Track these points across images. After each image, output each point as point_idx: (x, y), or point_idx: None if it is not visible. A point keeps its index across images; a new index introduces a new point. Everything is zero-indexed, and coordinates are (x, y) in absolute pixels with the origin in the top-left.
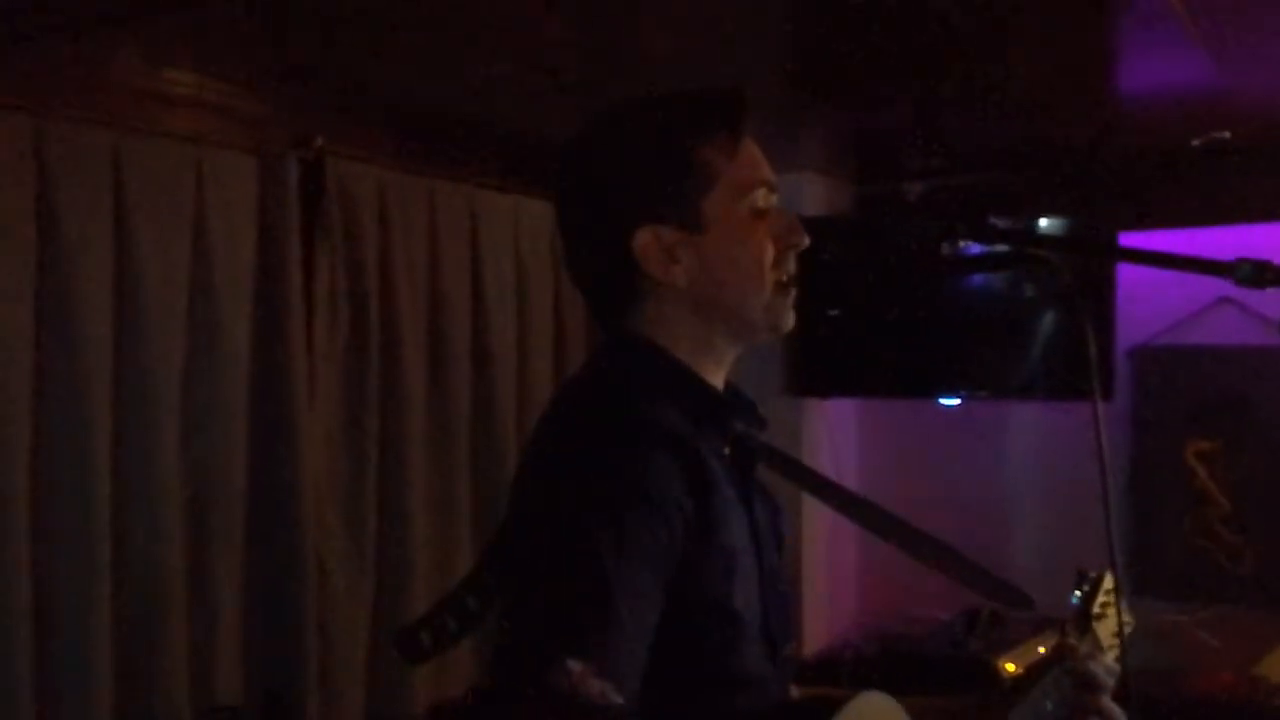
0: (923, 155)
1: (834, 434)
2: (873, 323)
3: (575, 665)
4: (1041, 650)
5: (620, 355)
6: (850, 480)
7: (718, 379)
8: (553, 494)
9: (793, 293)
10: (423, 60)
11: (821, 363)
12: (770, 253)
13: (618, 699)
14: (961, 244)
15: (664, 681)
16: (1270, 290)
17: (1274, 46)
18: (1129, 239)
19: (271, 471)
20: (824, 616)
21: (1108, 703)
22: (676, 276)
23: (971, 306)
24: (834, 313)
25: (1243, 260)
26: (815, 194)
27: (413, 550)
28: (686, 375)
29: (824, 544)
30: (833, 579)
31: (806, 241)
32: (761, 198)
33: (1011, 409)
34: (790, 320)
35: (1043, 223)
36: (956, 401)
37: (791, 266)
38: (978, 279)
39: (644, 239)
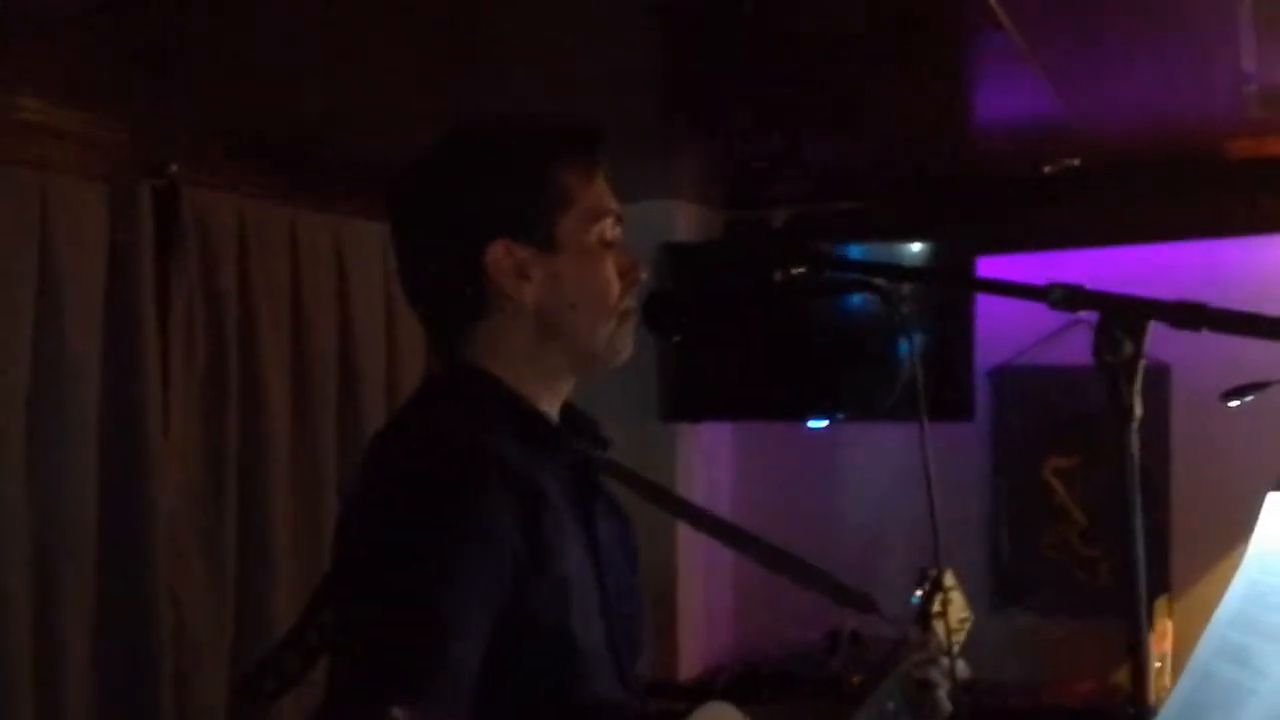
0: (788, 183)
1: (708, 457)
2: (743, 347)
3: (399, 713)
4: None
5: (451, 384)
6: (725, 502)
7: (553, 404)
8: (381, 532)
9: (632, 323)
10: (284, 89)
11: (694, 387)
12: (616, 283)
13: None
14: (794, 271)
15: (509, 707)
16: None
17: (1111, 79)
18: (987, 264)
19: (123, 505)
20: (701, 640)
21: (941, 697)
22: (525, 294)
23: (840, 330)
24: (677, 339)
25: (1054, 285)
26: (687, 220)
27: (274, 583)
28: (518, 403)
29: (699, 568)
30: (709, 603)
31: (644, 278)
32: (609, 228)
33: (879, 430)
34: (629, 351)
35: (914, 248)
36: (824, 424)
37: (632, 300)
38: (847, 303)
39: (497, 253)
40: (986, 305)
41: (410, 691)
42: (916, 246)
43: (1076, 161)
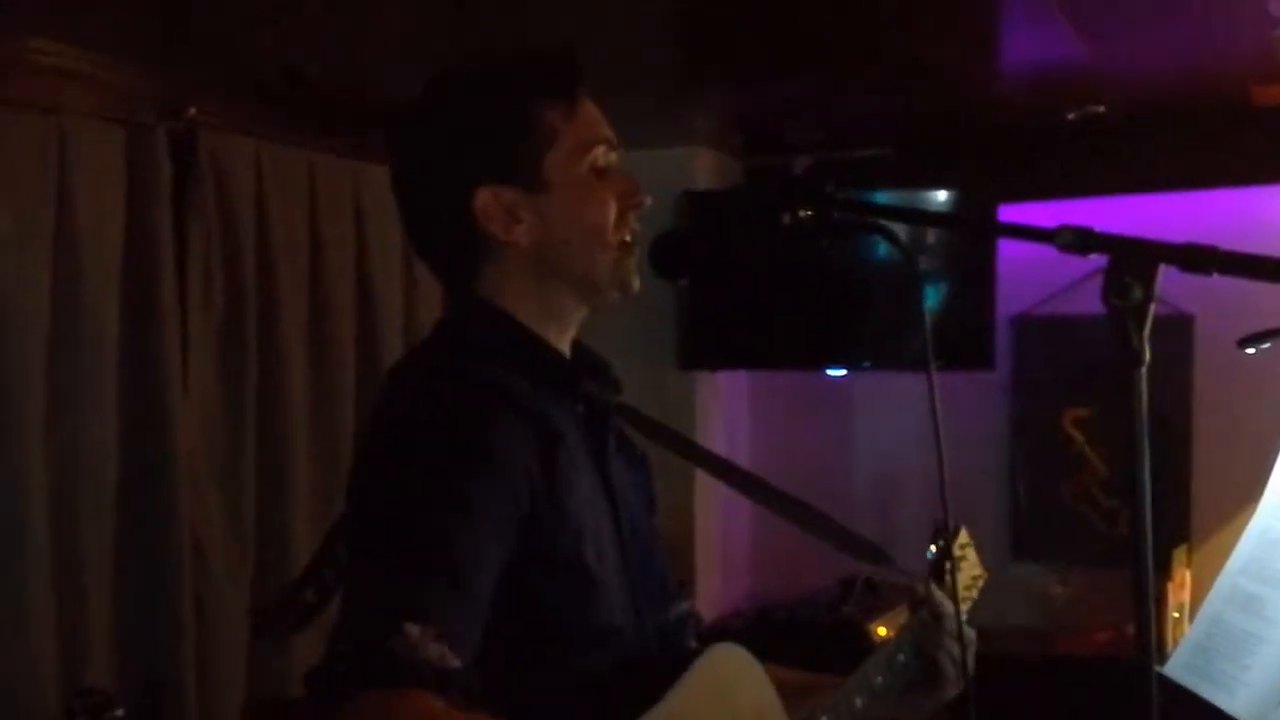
0: (809, 130)
1: (726, 406)
2: (762, 295)
3: (413, 629)
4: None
5: (463, 321)
6: (742, 450)
7: (564, 341)
8: (393, 459)
9: (636, 252)
10: (303, 30)
11: (712, 336)
12: (613, 211)
13: (456, 662)
14: (803, 214)
15: (521, 638)
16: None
17: (1136, 24)
18: (1010, 212)
19: (144, 451)
20: (718, 586)
21: (946, 662)
22: (519, 236)
23: (860, 278)
24: (684, 283)
25: (1064, 227)
26: (705, 168)
27: (294, 529)
28: (530, 339)
29: (717, 515)
30: (725, 550)
31: (647, 201)
32: (601, 156)
33: (898, 379)
34: (636, 282)
35: (938, 196)
36: (843, 372)
37: (635, 225)
38: (867, 250)
39: (484, 199)
40: (1008, 253)
41: (422, 609)
42: (941, 195)
43: (1101, 108)
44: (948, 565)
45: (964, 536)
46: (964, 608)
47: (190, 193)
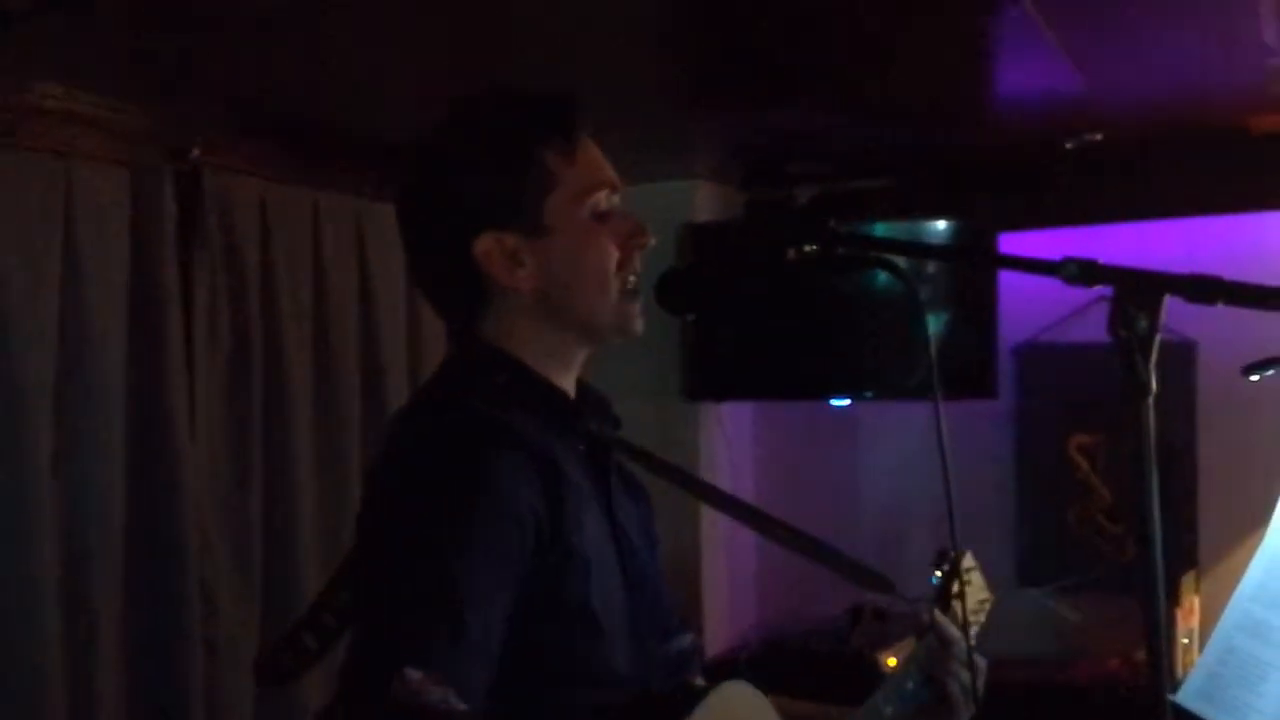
0: (808, 162)
1: (731, 437)
2: (766, 326)
3: (415, 674)
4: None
5: (468, 361)
6: (748, 480)
7: (567, 381)
8: (400, 502)
9: (640, 295)
10: (305, 70)
11: (717, 367)
12: (614, 255)
13: (460, 705)
14: (807, 248)
15: (527, 678)
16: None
17: (1132, 54)
18: (1010, 240)
19: (151, 493)
20: (724, 618)
21: (954, 688)
22: (520, 281)
23: (863, 308)
24: (691, 317)
25: (1069, 259)
26: (705, 200)
27: (302, 568)
28: (534, 379)
29: (723, 547)
30: (732, 581)
31: (651, 241)
32: (603, 200)
33: (902, 408)
34: (639, 324)
35: (938, 226)
36: (847, 402)
37: (638, 267)
38: (869, 281)
39: (485, 244)
40: (1010, 282)
41: (425, 653)
42: (941, 224)
43: (1098, 137)
44: (954, 589)
45: (969, 560)
46: (971, 631)
47: (195, 232)
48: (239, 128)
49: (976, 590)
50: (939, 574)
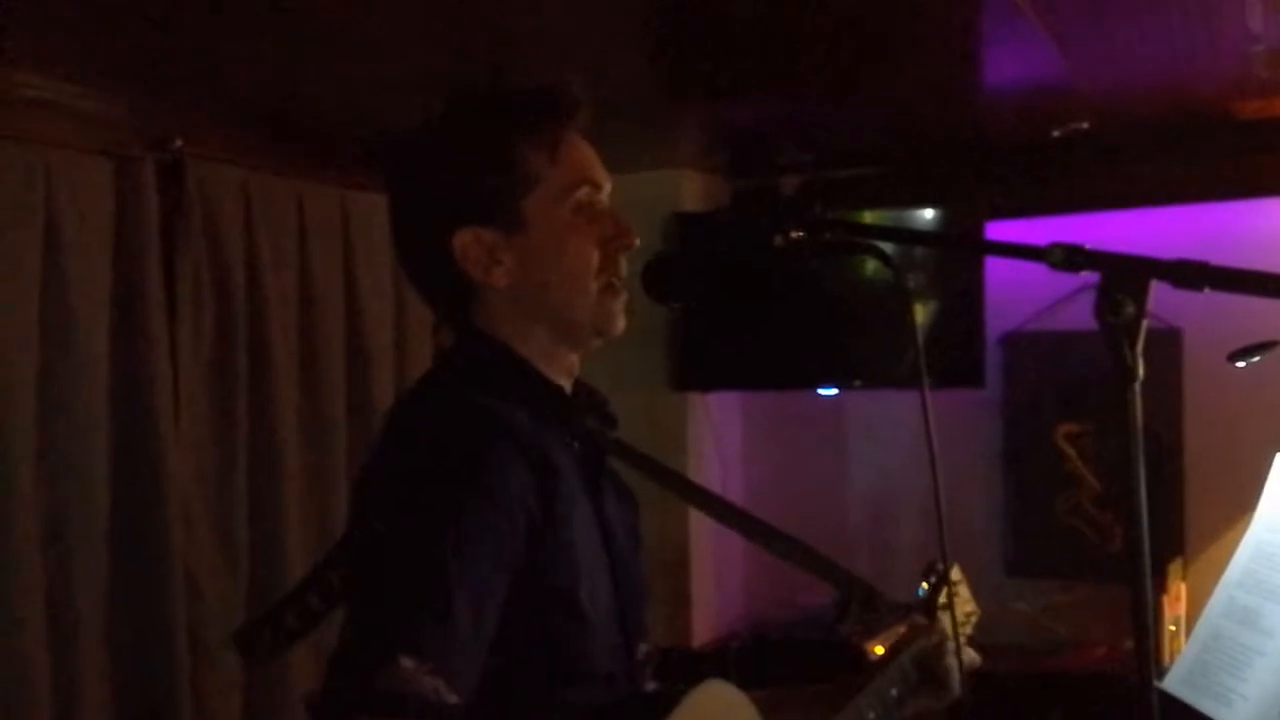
0: (794, 151)
1: (719, 427)
2: (753, 315)
3: (408, 663)
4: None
5: (467, 352)
6: (736, 471)
7: (562, 377)
8: (396, 495)
9: (623, 295)
10: (289, 59)
11: (704, 357)
12: (595, 256)
13: (452, 697)
14: (793, 235)
15: (515, 676)
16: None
17: (1118, 41)
18: (997, 229)
19: (135, 482)
20: (713, 608)
21: (954, 682)
22: (497, 278)
23: (851, 298)
24: (677, 306)
25: (1055, 245)
26: (692, 190)
27: (287, 557)
28: (530, 372)
29: (712, 536)
30: (720, 571)
31: (636, 243)
32: (585, 195)
33: (890, 398)
34: (620, 323)
35: (926, 215)
36: (835, 392)
37: (622, 269)
38: (857, 269)
39: (464, 240)
40: (997, 272)
41: (417, 644)
42: (929, 213)
43: (1085, 125)
44: (942, 599)
45: (956, 573)
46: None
47: (178, 223)
48: (222, 117)
49: (963, 604)
50: (926, 585)
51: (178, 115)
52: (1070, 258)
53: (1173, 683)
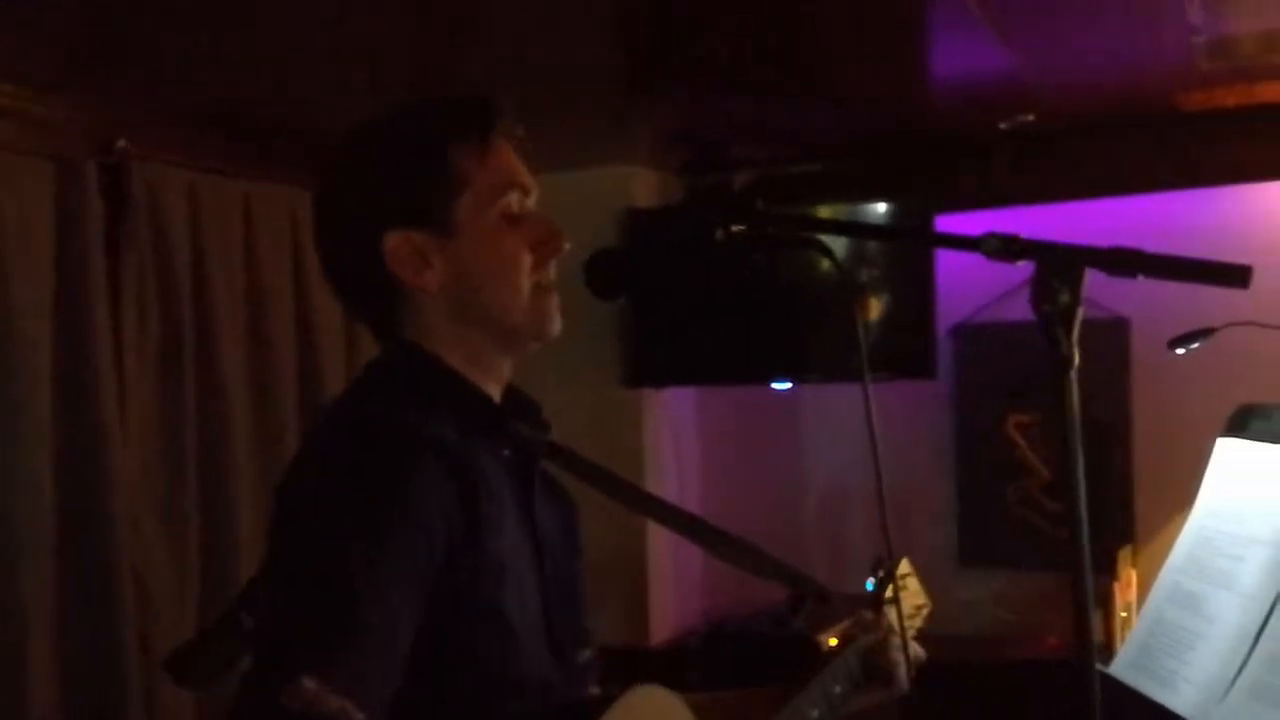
0: (746, 147)
1: (673, 423)
2: (705, 310)
3: (310, 684)
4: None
5: (390, 364)
6: (692, 466)
7: (491, 384)
8: (308, 510)
9: (555, 297)
10: (236, 60)
11: (656, 353)
12: (526, 260)
13: (359, 715)
14: (734, 228)
15: (440, 688)
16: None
17: (1062, 34)
18: (947, 222)
19: (82, 487)
20: (671, 607)
21: (900, 675)
22: (428, 281)
23: (802, 291)
24: (620, 300)
25: (991, 234)
26: (646, 186)
27: (238, 560)
28: (456, 382)
29: (669, 536)
30: (677, 570)
31: (565, 246)
32: (515, 202)
33: (843, 391)
34: (557, 323)
35: (878, 209)
36: (789, 386)
37: (552, 271)
38: (810, 263)
39: (394, 242)
40: (948, 264)
41: (324, 663)
42: (880, 207)
43: (1031, 117)
44: (889, 593)
45: (905, 566)
46: (908, 634)
47: (123, 225)
48: (168, 118)
49: (913, 596)
50: (874, 580)
51: (122, 116)
52: (1005, 246)
53: (1118, 667)
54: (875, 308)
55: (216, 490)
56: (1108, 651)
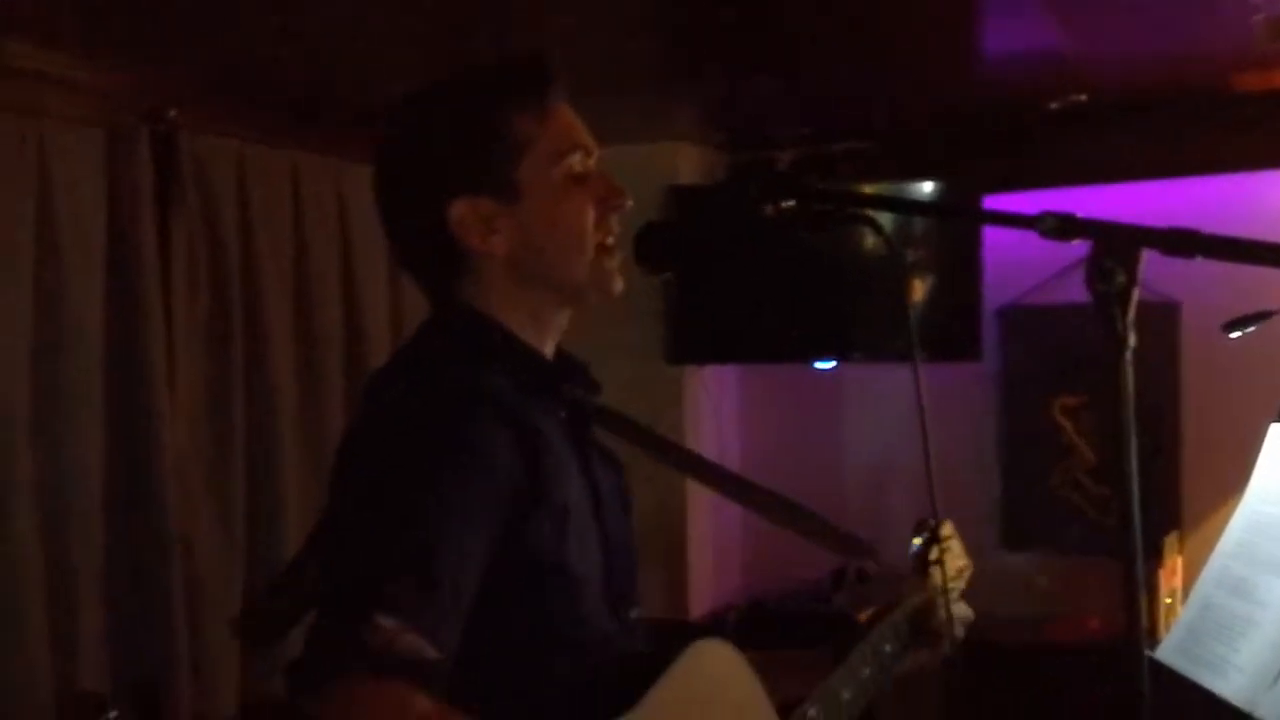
0: (791, 123)
1: (715, 399)
2: (750, 288)
3: (387, 621)
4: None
5: (446, 325)
6: (733, 443)
7: (547, 345)
8: (374, 459)
9: (618, 255)
10: (285, 30)
11: (700, 329)
12: (590, 216)
13: (433, 653)
14: (784, 204)
15: (504, 639)
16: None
17: (1117, 12)
18: (993, 202)
19: (131, 452)
20: (710, 580)
21: (946, 635)
22: (495, 246)
23: (848, 270)
24: (667, 275)
25: (1046, 213)
26: (689, 163)
27: (284, 525)
28: (513, 343)
29: (709, 509)
30: (717, 543)
31: (629, 203)
32: (578, 162)
33: (886, 370)
34: (619, 284)
35: (924, 188)
36: (832, 365)
37: (614, 228)
38: (855, 242)
39: (459, 210)
40: (994, 245)
41: (395, 602)
42: (927, 186)
43: (1084, 97)
44: (933, 555)
45: (947, 529)
46: (951, 596)
47: (173, 194)
48: (217, 88)
49: (955, 557)
50: (918, 541)
51: (172, 86)
52: (1062, 226)
53: (1165, 652)
54: (920, 289)
55: (262, 455)
56: (1151, 638)
